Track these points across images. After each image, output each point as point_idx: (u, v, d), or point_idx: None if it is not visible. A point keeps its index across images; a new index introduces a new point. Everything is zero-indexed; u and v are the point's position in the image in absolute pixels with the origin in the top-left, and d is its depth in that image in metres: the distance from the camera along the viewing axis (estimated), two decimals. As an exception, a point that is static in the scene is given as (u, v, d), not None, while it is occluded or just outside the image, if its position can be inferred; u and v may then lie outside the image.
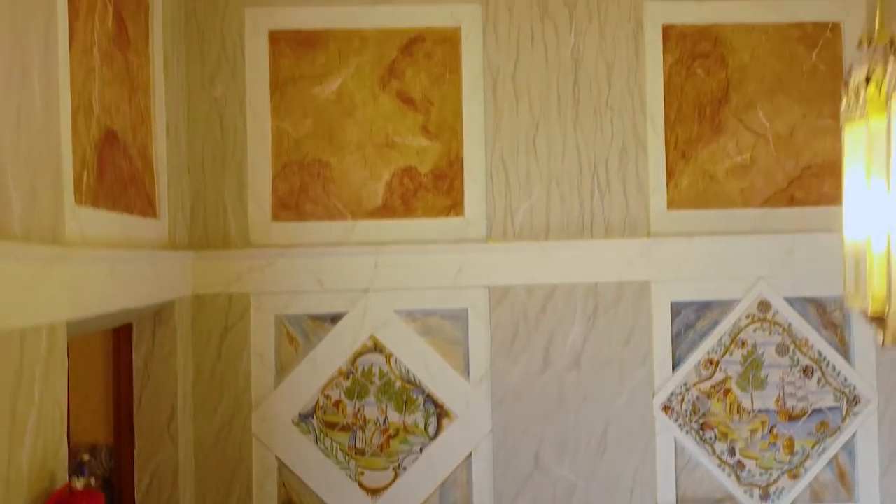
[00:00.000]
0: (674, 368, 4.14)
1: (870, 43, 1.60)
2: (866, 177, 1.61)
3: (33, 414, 2.23)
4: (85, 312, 2.65)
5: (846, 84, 1.71)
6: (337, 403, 4.09)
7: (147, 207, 3.48)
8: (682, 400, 4.15)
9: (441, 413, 4.11)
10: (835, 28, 4.20)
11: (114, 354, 3.69)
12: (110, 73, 3.05)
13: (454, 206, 4.14)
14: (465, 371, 4.11)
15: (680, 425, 4.15)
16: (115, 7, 3.11)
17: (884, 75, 1.35)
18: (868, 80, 1.55)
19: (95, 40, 2.89)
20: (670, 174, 4.18)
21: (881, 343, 1.52)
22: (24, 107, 2.21)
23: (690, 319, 4.17)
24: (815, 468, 4.18)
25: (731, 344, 4.17)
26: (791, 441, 4.18)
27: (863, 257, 1.66)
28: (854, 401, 4.19)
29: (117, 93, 3.13)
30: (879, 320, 1.53)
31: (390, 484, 4.10)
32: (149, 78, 3.54)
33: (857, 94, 1.61)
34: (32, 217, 2.26)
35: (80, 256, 2.56)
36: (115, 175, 3.08)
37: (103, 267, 2.79)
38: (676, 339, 4.16)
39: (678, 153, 4.19)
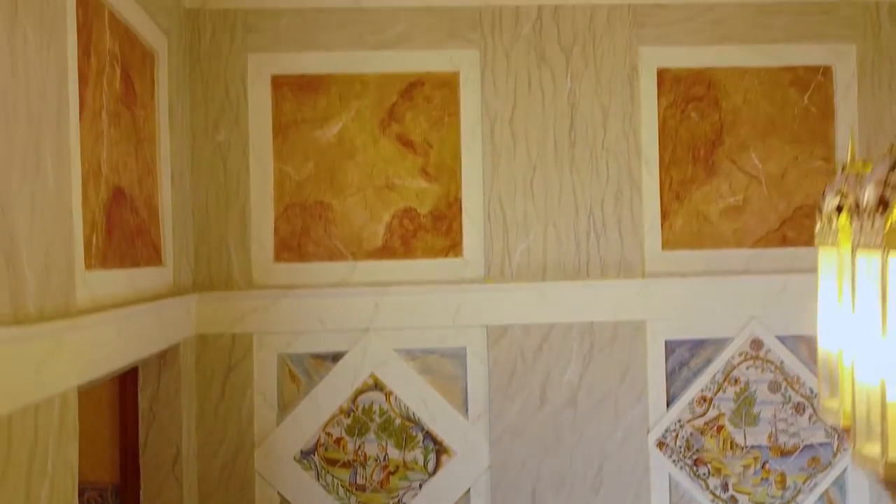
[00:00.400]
0: (668, 405, 4.23)
1: (843, 170, 1.68)
2: (838, 296, 1.69)
3: (46, 484, 2.30)
4: (95, 374, 2.72)
5: (820, 210, 1.80)
6: (338, 440, 4.17)
7: (153, 256, 3.55)
8: (677, 436, 4.23)
9: (440, 450, 4.19)
10: (826, 72, 4.28)
11: (120, 397, 3.76)
12: (118, 132, 3.11)
13: (453, 246, 4.22)
14: (464, 408, 4.19)
15: (674, 461, 4.23)
16: (122, 67, 3.17)
17: (855, 207, 1.43)
18: (840, 208, 1.64)
19: (104, 103, 2.95)
20: (665, 215, 4.25)
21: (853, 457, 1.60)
22: (38, 190, 2.27)
23: (684, 357, 4.25)
24: (807, 503, 4.27)
25: (724, 381, 4.25)
26: (783, 476, 4.27)
27: (836, 368, 1.75)
28: (845, 436, 4.26)
29: (124, 149, 3.19)
30: (850, 433, 1.62)
31: (390, 519, 4.20)
32: (154, 129, 3.60)
33: (830, 220, 1.69)
34: (45, 292, 2.32)
35: (89, 322, 2.62)
36: (123, 231, 3.15)
37: (112, 327, 2.86)
38: (671, 376, 4.24)
39: (672, 194, 4.27)
